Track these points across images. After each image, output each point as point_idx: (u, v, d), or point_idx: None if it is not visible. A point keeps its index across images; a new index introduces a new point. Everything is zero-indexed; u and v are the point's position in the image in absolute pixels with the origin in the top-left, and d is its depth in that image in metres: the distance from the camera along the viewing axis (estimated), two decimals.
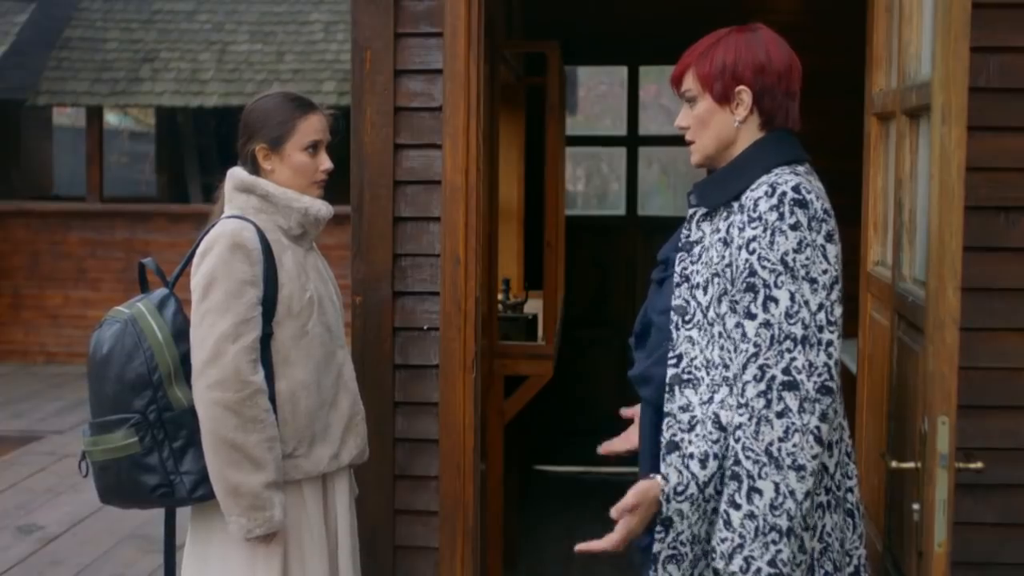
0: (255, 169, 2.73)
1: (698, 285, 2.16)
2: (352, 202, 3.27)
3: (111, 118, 15.00)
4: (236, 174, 2.73)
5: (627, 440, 2.51)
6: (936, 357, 2.15)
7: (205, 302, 2.57)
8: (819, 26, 6.09)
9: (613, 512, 2.15)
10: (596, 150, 11.94)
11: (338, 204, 2.85)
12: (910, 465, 2.31)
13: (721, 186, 2.18)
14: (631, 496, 2.14)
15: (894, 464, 2.34)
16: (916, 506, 2.24)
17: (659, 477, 2.14)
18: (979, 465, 2.30)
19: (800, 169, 2.15)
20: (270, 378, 2.63)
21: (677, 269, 2.20)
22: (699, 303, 2.16)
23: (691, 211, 2.24)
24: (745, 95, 2.17)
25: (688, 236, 2.23)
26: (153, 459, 2.59)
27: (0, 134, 11.32)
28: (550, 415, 6.87)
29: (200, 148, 11.40)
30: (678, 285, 2.19)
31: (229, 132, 13.53)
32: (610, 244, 7.64)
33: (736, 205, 2.14)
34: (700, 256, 2.18)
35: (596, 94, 14.95)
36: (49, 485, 6.30)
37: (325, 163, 2.73)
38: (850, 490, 2.21)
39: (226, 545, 2.65)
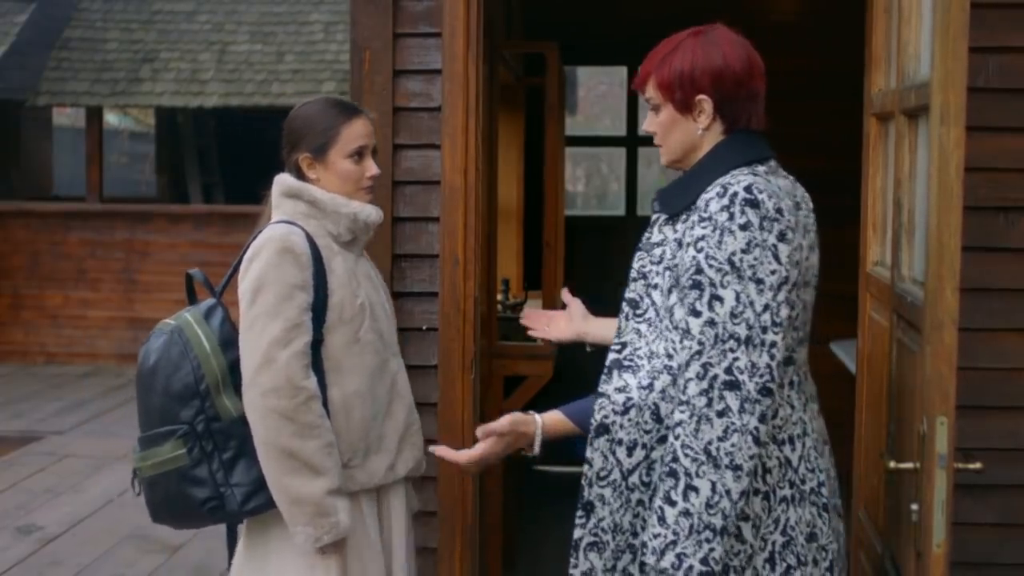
0: (300, 178, 2.66)
1: (655, 285, 2.18)
2: None
3: (111, 118, 15.00)
4: (283, 180, 2.66)
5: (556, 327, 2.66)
6: (935, 357, 2.14)
7: (254, 307, 2.49)
8: (819, 26, 6.09)
9: (479, 431, 2.20)
10: (596, 150, 11.95)
11: None
12: (909, 465, 2.30)
13: (682, 191, 2.19)
14: (505, 422, 2.20)
15: (892, 464, 2.34)
16: (915, 506, 2.23)
17: (540, 417, 2.25)
18: (978, 466, 2.29)
19: (760, 169, 2.16)
20: (322, 386, 2.54)
21: (635, 266, 2.23)
22: (653, 301, 2.18)
23: (654, 216, 2.26)
24: (706, 104, 2.18)
25: (649, 238, 2.25)
26: (202, 471, 2.50)
27: (0, 134, 11.31)
28: None
29: (200, 148, 11.40)
30: (634, 280, 2.22)
31: (229, 132, 13.49)
32: (610, 244, 7.63)
33: (694, 208, 2.15)
34: (660, 258, 2.19)
35: (596, 94, 14.94)
36: (49, 485, 6.29)
37: (372, 169, 2.65)
38: (821, 484, 2.21)
39: (283, 557, 2.57)
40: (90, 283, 10.09)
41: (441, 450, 2.27)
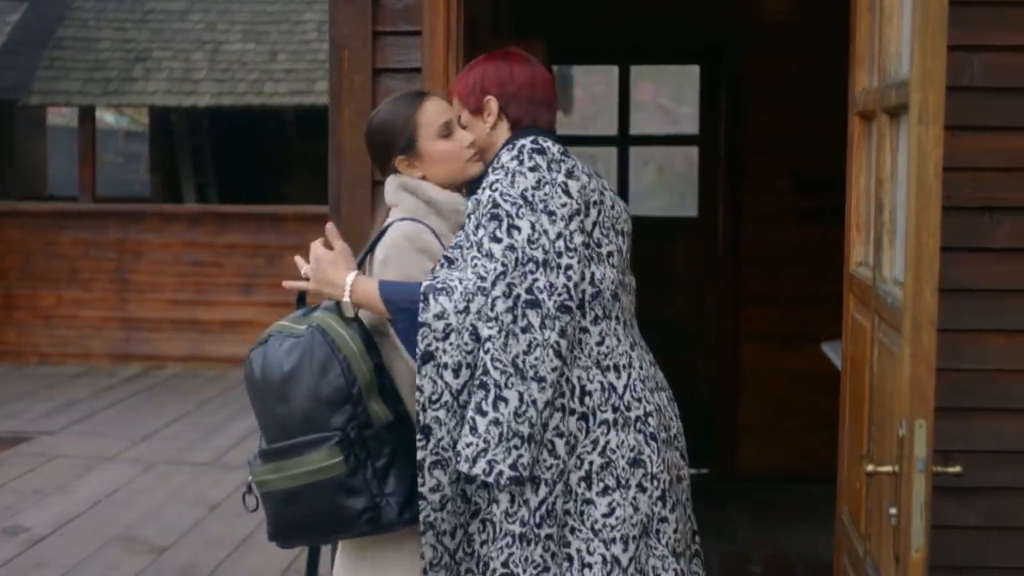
0: None
1: (464, 248, 2.37)
2: (330, 202, 3.23)
3: (109, 118, 14.97)
4: (395, 178, 2.54)
5: None
6: (913, 359, 2.12)
7: None
8: (812, 26, 6.06)
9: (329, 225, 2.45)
10: (594, 150, 11.93)
11: (319, 204, 2.79)
12: (888, 469, 2.28)
13: (482, 178, 2.46)
14: (342, 243, 2.42)
15: (871, 468, 2.31)
16: (893, 510, 2.21)
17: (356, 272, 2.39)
18: (957, 469, 2.27)
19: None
20: None
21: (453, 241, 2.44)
22: (464, 258, 2.35)
23: (466, 209, 2.45)
24: (492, 104, 2.51)
25: (465, 225, 2.44)
26: (358, 480, 2.32)
27: None
28: None
29: (194, 148, 11.37)
30: (452, 248, 2.40)
31: (223, 132, 13.39)
32: None
33: None
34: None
35: (594, 94, 14.92)
36: (37, 486, 6.26)
37: (466, 138, 2.52)
38: (649, 415, 2.40)
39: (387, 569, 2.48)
40: (83, 283, 10.05)
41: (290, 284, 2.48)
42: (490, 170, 2.40)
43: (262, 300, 9.79)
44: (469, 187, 2.54)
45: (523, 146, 2.36)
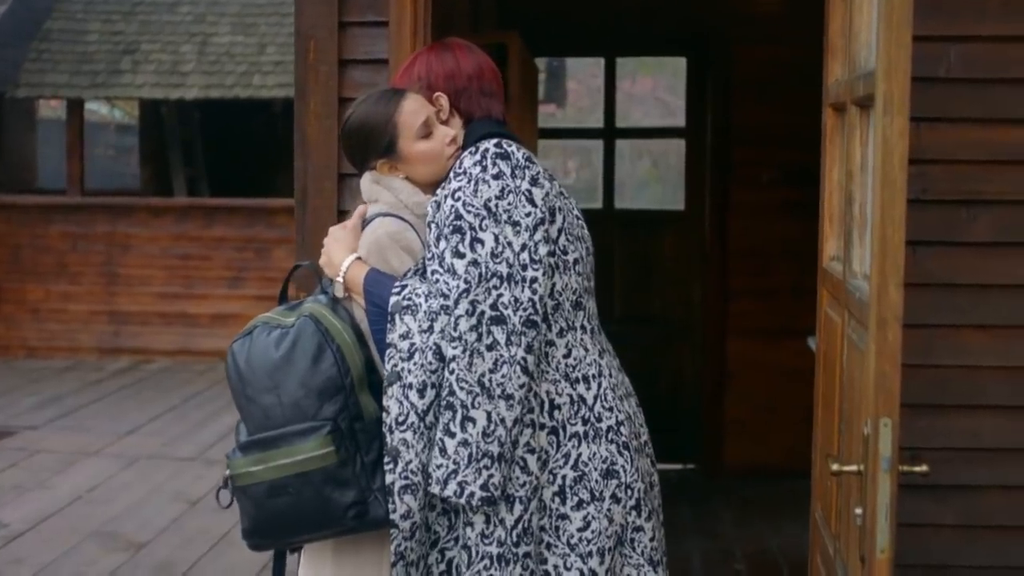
0: None
1: (428, 259, 2.34)
2: (296, 195, 3.18)
3: (103, 110, 14.92)
4: (371, 173, 2.45)
5: None
6: (879, 356, 2.06)
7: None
8: (799, 17, 6.00)
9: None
10: (589, 143, 11.89)
11: (285, 196, 2.73)
12: (853, 468, 2.23)
13: (444, 181, 2.38)
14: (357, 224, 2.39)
15: (836, 467, 2.26)
16: (859, 510, 2.16)
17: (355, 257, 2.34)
18: (924, 468, 2.21)
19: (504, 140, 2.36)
20: None
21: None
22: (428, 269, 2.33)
23: (429, 211, 2.39)
24: (443, 100, 2.42)
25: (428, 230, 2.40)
26: (347, 472, 2.27)
27: None
28: None
29: (184, 141, 11.32)
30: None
31: (213, 125, 13.32)
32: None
33: None
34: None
35: (589, 87, 14.86)
36: (18, 482, 6.22)
37: (447, 134, 2.40)
38: (620, 424, 2.34)
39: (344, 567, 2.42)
40: (71, 277, 10.01)
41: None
42: (452, 174, 2.29)
43: (251, 294, 9.75)
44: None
45: (486, 150, 2.27)
